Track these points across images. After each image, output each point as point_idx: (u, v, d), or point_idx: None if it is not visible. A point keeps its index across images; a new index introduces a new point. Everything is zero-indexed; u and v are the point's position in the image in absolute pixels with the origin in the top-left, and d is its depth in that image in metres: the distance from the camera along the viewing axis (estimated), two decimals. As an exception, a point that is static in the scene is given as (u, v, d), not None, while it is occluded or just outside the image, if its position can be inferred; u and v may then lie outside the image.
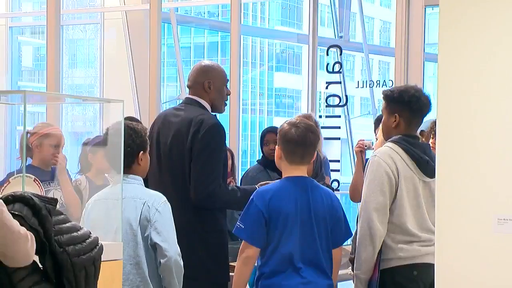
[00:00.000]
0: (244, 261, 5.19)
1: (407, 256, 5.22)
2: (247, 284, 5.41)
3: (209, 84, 6.04)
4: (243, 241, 5.23)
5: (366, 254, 5.21)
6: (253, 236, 5.13)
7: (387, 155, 5.29)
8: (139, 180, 5.23)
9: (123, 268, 4.98)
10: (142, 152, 5.20)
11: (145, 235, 5.07)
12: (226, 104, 6.28)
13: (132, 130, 5.20)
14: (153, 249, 5.09)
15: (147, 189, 5.25)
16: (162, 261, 5.06)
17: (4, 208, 3.39)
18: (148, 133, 5.50)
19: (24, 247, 3.44)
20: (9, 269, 3.52)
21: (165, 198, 5.17)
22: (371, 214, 5.21)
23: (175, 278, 5.12)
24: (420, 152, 5.24)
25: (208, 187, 5.78)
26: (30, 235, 3.46)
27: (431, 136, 6.06)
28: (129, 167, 5.16)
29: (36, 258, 3.61)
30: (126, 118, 6.61)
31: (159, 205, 5.10)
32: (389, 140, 5.41)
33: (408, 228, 5.25)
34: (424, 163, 5.19)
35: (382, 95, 5.64)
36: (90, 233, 3.83)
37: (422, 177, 5.32)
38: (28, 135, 6.55)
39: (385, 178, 5.24)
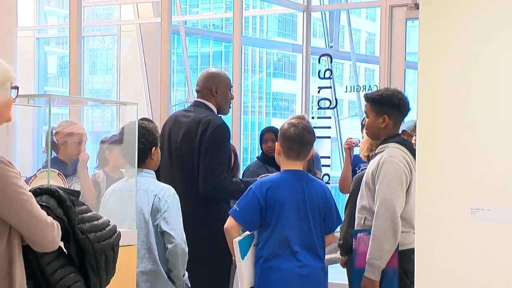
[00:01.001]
0: (229, 231, 5.22)
1: (408, 242, 5.21)
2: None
3: (216, 89, 6.14)
4: (230, 216, 5.24)
5: (389, 246, 5.16)
6: (243, 217, 5.18)
7: (401, 155, 5.27)
8: (152, 174, 5.26)
9: (137, 252, 5.02)
10: (154, 148, 5.24)
11: (156, 223, 5.10)
12: (230, 107, 6.39)
13: (144, 129, 5.23)
14: (162, 236, 5.12)
15: (158, 182, 5.27)
16: (169, 246, 5.10)
17: (33, 199, 3.39)
18: (159, 132, 5.52)
19: (51, 234, 3.44)
20: (37, 254, 3.53)
21: (174, 191, 5.21)
22: (395, 210, 5.17)
23: (180, 262, 5.16)
24: (414, 150, 5.24)
25: (216, 180, 5.88)
26: (56, 224, 3.47)
27: (414, 135, 6.05)
28: (143, 162, 5.20)
29: (62, 244, 3.61)
30: (140, 119, 6.62)
31: (168, 198, 5.15)
32: (391, 141, 5.39)
33: (412, 220, 5.22)
34: None
35: (365, 98, 5.62)
36: (109, 221, 3.84)
37: None
38: (54, 131, 6.59)
39: (404, 177, 5.22)
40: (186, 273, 5.26)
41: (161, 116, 8.06)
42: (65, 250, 3.64)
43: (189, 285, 5.34)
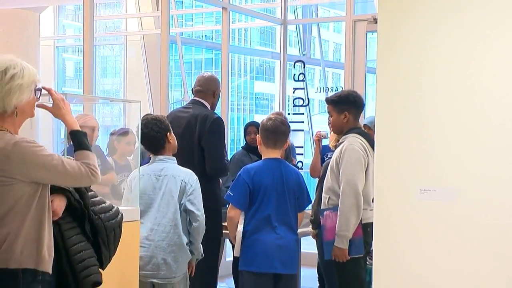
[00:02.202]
0: (230, 218, 5.31)
1: (366, 217, 5.24)
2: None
3: (215, 92, 6.29)
4: (230, 204, 5.31)
5: (355, 219, 5.20)
6: (239, 201, 5.23)
7: (359, 143, 5.31)
8: (174, 159, 5.24)
9: (164, 228, 5.07)
10: (168, 132, 5.21)
11: (181, 203, 5.09)
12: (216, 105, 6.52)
13: (155, 119, 5.22)
14: (186, 214, 5.13)
15: (181, 167, 5.24)
16: (194, 224, 5.12)
17: (62, 160, 3.39)
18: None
19: (86, 179, 3.45)
20: (61, 228, 3.52)
21: (196, 176, 5.23)
22: (357, 189, 5.20)
23: (200, 236, 5.20)
24: (372, 139, 5.26)
25: (222, 163, 6.10)
26: (82, 166, 3.44)
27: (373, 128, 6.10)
28: (162, 148, 5.20)
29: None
30: (145, 115, 6.61)
31: (193, 182, 5.16)
32: (351, 132, 5.42)
33: (370, 198, 5.25)
34: None
35: (327, 101, 5.69)
36: (113, 205, 3.84)
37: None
38: None
39: (362, 161, 5.26)
40: (201, 246, 5.28)
41: (160, 112, 8.02)
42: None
43: (203, 255, 5.36)
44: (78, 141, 3.55)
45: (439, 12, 3.41)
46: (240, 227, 5.31)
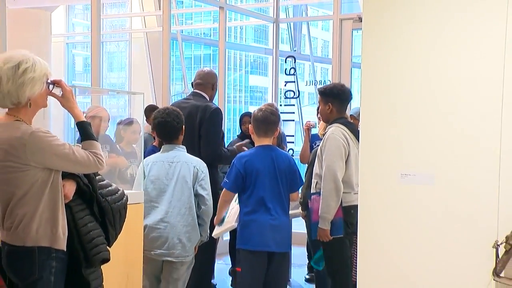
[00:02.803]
0: (224, 200, 5.35)
1: (349, 200, 5.26)
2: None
3: (214, 85, 6.38)
4: (224, 188, 5.32)
5: (334, 202, 5.20)
6: (232, 187, 5.23)
7: (340, 133, 5.31)
8: (184, 148, 5.25)
9: (179, 210, 5.09)
10: (183, 126, 5.25)
11: (194, 188, 5.13)
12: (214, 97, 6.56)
13: (175, 111, 5.26)
14: (196, 198, 5.15)
15: (191, 155, 5.27)
16: (203, 207, 5.17)
17: (73, 149, 3.43)
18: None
19: (94, 165, 3.50)
20: (73, 209, 3.54)
21: (205, 164, 5.28)
22: (336, 174, 5.21)
23: (209, 218, 5.24)
24: (355, 129, 5.27)
25: (217, 151, 6.13)
26: (90, 154, 3.49)
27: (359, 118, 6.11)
28: (176, 138, 5.22)
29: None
30: (148, 105, 6.62)
31: (204, 169, 5.21)
32: (335, 122, 5.43)
33: (353, 183, 5.28)
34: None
35: (318, 91, 5.71)
36: (118, 188, 3.86)
37: (358, 146, 5.35)
38: (85, 114, 6.60)
39: (342, 149, 5.25)
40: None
41: (162, 103, 8.03)
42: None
43: (208, 237, 5.38)
44: (85, 131, 3.58)
45: (418, 11, 3.42)
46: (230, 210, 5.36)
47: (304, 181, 5.81)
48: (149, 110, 7.12)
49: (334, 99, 5.49)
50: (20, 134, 3.31)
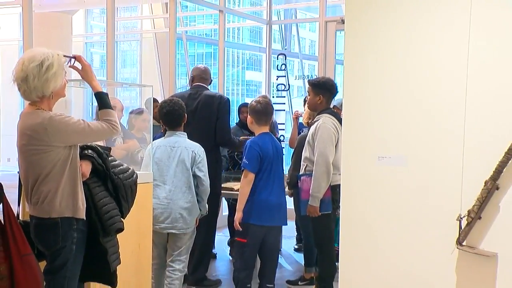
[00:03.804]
0: (247, 181, 5.16)
1: (335, 180, 5.26)
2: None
3: (211, 78, 6.50)
4: (244, 169, 5.18)
5: (325, 183, 5.22)
6: (254, 167, 5.11)
7: (331, 122, 5.30)
8: (185, 134, 5.23)
9: (180, 189, 5.08)
10: (185, 114, 5.25)
11: (192, 170, 5.12)
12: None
13: (179, 101, 5.24)
14: (194, 178, 5.15)
15: (190, 141, 5.24)
16: (201, 187, 5.16)
17: (87, 123, 3.46)
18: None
19: (109, 131, 3.53)
20: (90, 185, 3.56)
21: (203, 149, 5.24)
22: (328, 159, 5.21)
23: (206, 195, 5.24)
24: (339, 118, 5.27)
25: (228, 135, 6.22)
26: (104, 124, 3.51)
27: (341, 108, 6.10)
28: (179, 125, 5.20)
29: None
30: (154, 100, 6.61)
31: (201, 153, 5.18)
32: (324, 112, 5.42)
33: (339, 165, 5.27)
34: None
35: (308, 82, 5.68)
36: (129, 167, 3.87)
37: None
38: None
39: (333, 136, 5.25)
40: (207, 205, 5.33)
41: (169, 94, 8.04)
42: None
43: (208, 212, 5.39)
44: (102, 101, 3.59)
45: (392, 15, 3.42)
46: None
47: (289, 164, 5.82)
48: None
49: (325, 92, 5.48)
50: (41, 120, 3.33)
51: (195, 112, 6.03)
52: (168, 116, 5.17)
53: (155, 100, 7.63)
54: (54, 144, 3.34)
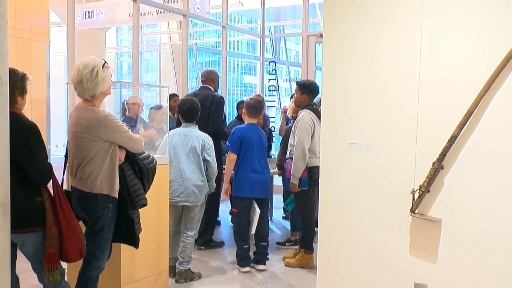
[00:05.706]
0: (230, 160, 5.28)
1: (313, 163, 5.27)
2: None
3: (214, 79, 6.37)
4: (229, 151, 5.28)
5: (302, 165, 5.26)
6: (234, 148, 5.20)
7: (308, 116, 5.33)
8: (196, 126, 5.22)
9: (193, 170, 5.08)
10: (199, 111, 5.26)
11: (202, 155, 5.09)
12: (218, 88, 6.54)
13: (196, 100, 5.25)
14: (204, 162, 5.13)
15: (201, 132, 5.23)
16: (210, 169, 5.15)
17: (128, 129, 3.52)
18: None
19: (141, 144, 3.62)
20: (124, 169, 3.59)
21: (211, 138, 5.22)
22: (304, 146, 5.24)
23: (214, 177, 5.22)
24: (318, 112, 5.27)
25: (220, 127, 6.14)
26: (140, 137, 3.60)
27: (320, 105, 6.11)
28: (194, 119, 5.21)
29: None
30: (172, 95, 6.58)
31: (210, 141, 5.17)
32: (304, 108, 5.43)
33: (316, 151, 5.28)
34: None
35: (296, 83, 5.70)
36: (150, 154, 3.87)
37: (320, 124, 5.37)
38: (125, 102, 6.64)
39: (309, 128, 5.27)
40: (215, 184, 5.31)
41: (182, 95, 8.04)
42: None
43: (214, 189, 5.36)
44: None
45: (360, 30, 3.40)
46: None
47: (278, 149, 5.84)
48: (171, 96, 7.20)
49: (309, 92, 5.50)
50: (98, 115, 3.40)
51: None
52: (188, 111, 5.19)
53: (175, 95, 7.65)
54: (101, 137, 3.40)
